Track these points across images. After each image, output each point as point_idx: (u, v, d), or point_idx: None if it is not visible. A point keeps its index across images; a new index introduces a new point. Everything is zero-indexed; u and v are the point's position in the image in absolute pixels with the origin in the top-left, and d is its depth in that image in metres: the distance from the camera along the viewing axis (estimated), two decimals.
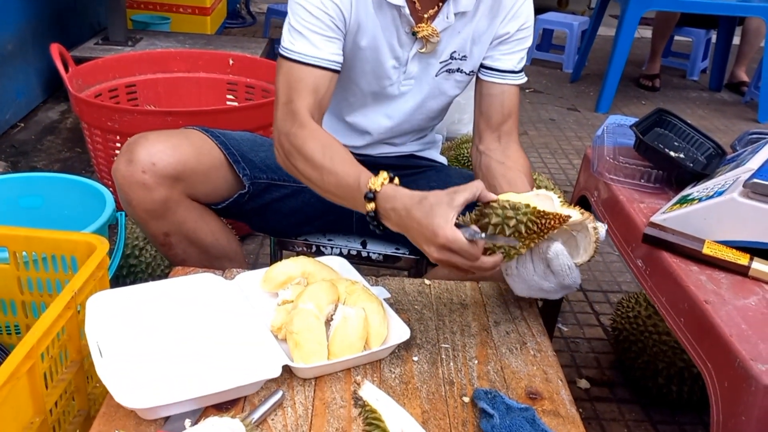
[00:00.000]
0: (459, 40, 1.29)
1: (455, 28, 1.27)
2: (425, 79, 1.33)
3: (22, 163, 2.65)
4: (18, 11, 2.94)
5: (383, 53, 1.28)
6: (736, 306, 0.89)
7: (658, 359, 1.56)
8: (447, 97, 1.38)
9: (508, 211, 0.95)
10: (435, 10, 1.25)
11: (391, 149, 1.45)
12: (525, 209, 0.94)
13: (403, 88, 1.33)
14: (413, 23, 1.24)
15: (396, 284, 1.22)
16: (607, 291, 2.11)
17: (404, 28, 1.26)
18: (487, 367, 1.03)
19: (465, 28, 1.28)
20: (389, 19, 1.25)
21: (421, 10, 1.24)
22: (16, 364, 0.88)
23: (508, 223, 0.95)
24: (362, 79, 1.31)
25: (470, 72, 1.34)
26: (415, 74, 1.32)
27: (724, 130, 3.70)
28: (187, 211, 1.28)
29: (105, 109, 1.92)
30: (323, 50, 1.20)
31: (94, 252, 1.13)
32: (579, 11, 6.32)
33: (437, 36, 1.26)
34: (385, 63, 1.29)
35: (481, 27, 1.29)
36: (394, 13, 1.24)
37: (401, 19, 1.24)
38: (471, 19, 1.28)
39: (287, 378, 0.96)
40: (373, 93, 1.34)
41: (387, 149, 1.45)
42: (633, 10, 3.63)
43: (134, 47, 3.26)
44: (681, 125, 1.34)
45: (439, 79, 1.33)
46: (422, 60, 1.30)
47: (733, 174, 1.07)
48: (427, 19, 1.25)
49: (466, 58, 1.32)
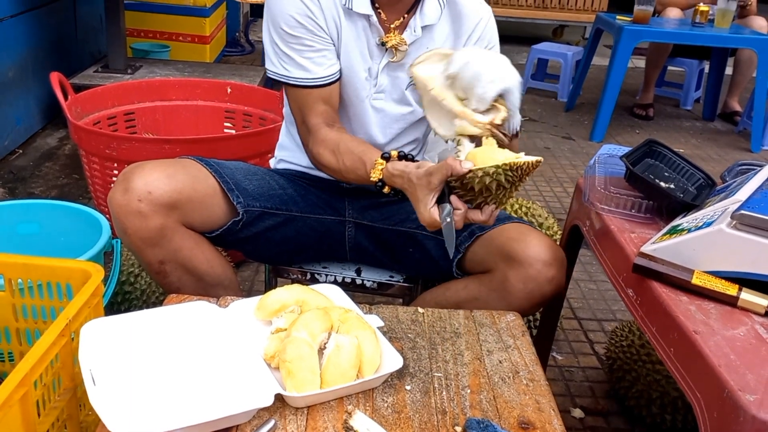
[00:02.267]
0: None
1: (422, 42, 1.33)
2: (395, 93, 1.37)
3: (19, 189, 2.66)
4: (19, 39, 2.98)
5: (356, 63, 1.33)
6: (724, 336, 0.89)
7: (652, 388, 1.56)
8: (419, 112, 1.39)
9: (484, 177, 1.06)
10: (401, 20, 1.32)
11: None
12: (497, 170, 1.06)
13: (374, 102, 1.37)
14: (382, 33, 1.31)
15: (389, 312, 1.23)
16: (601, 320, 2.11)
17: (374, 39, 1.32)
18: (480, 396, 1.03)
19: (432, 40, 1.34)
20: (360, 29, 1.31)
21: (387, 20, 1.31)
22: (8, 391, 0.88)
23: (490, 187, 1.07)
24: (342, 88, 1.37)
25: None
26: (384, 87, 1.36)
27: (717, 159, 3.74)
28: (182, 239, 1.29)
29: (103, 137, 1.94)
30: (316, 71, 1.30)
31: (89, 279, 1.14)
32: (573, 41, 6.40)
33: (405, 45, 1.31)
34: (359, 73, 1.34)
35: (443, 40, 1.35)
36: (364, 22, 1.30)
37: (371, 28, 1.31)
38: (436, 33, 1.34)
39: (279, 407, 0.96)
40: (348, 104, 1.38)
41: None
42: (626, 41, 3.68)
43: (134, 75, 3.30)
44: (671, 156, 1.36)
45: (409, 92, 1.37)
46: (391, 73, 1.35)
47: (722, 205, 1.08)
48: (395, 30, 1.32)
49: None
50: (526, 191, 3.09)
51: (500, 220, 1.34)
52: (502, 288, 1.26)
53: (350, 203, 1.47)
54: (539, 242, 1.26)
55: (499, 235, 1.31)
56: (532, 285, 1.24)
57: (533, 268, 1.24)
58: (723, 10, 3.79)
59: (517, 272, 1.25)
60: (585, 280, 2.33)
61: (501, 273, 1.27)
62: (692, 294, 0.99)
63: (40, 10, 3.15)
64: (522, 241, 1.27)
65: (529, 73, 4.81)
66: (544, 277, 1.24)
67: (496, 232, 1.32)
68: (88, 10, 3.76)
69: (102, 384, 0.93)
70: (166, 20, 4.09)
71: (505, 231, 1.31)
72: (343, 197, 1.47)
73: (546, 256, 1.24)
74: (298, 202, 1.43)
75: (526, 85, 4.82)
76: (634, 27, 3.70)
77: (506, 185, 1.08)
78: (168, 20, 4.08)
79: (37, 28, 3.14)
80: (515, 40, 6.48)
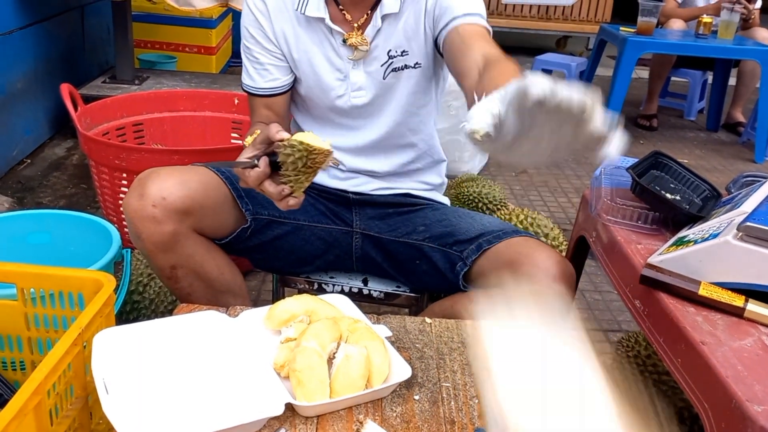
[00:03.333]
0: (393, 39, 1.34)
1: (385, 30, 1.33)
2: (376, 86, 1.37)
3: (28, 198, 2.68)
4: (28, 50, 3.01)
5: (321, 66, 1.35)
6: (731, 347, 0.90)
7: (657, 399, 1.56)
8: (405, 97, 1.39)
9: (287, 149, 1.06)
10: (365, 18, 1.32)
11: (385, 184, 1.48)
12: (299, 146, 1.05)
13: (354, 100, 1.38)
14: (344, 33, 1.32)
15: (397, 322, 1.24)
16: (607, 330, 2.11)
17: (337, 40, 1.33)
18: None
19: (396, 28, 1.33)
20: (320, 32, 1.34)
21: (352, 20, 1.33)
22: (24, 400, 0.89)
23: (287, 159, 1.06)
24: (312, 93, 1.40)
25: (416, 64, 1.36)
26: (362, 84, 1.37)
27: (721, 170, 3.75)
28: (194, 244, 1.31)
29: (113, 148, 1.96)
30: (258, 81, 1.40)
31: (101, 289, 1.15)
32: (577, 52, 6.43)
33: (366, 45, 1.32)
34: (325, 75, 1.36)
35: (411, 20, 1.33)
36: (322, 25, 1.32)
37: (331, 30, 1.32)
38: (399, 18, 1.33)
39: (289, 416, 0.97)
40: (329, 108, 1.40)
41: (381, 184, 1.48)
42: (630, 52, 3.70)
43: (141, 86, 3.32)
44: (677, 167, 1.38)
45: (389, 80, 1.37)
46: (364, 68, 1.35)
47: (728, 216, 1.09)
48: (358, 28, 1.33)
49: (406, 52, 1.35)
50: (530, 202, 3.10)
51: (507, 234, 1.33)
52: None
53: (357, 214, 1.48)
54: (548, 257, 1.25)
55: (507, 249, 1.30)
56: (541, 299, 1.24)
57: (542, 283, 1.23)
58: (726, 21, 3.82)
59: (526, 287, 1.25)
60: (590, 291, 2.34)
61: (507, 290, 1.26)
62: (699, 305, 1.00)
63: (48, 21, 3.18)
64: (530, 255, 1.26)
65: None
66: (553, 293, 1.24)
67: (504, 245, 1.31)
68: (96, 21, 3.80)
69: (115, 393, 0.94)
70: (173, 31, 4.12)
71: (513, 245, 1.30)
72: (351, 208, 1.48)
73: (555, 271, 1.23)
74: (307, 211, 1.44)
75: None
76: (638, 38, 3.72)
77: (299, 165, 1.06)
78: (175, 31, 4.12)
79: (46, 39, 3.17)
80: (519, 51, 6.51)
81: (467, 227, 1.38)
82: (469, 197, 2.42)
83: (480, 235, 1.35)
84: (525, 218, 2.13)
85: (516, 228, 1.38)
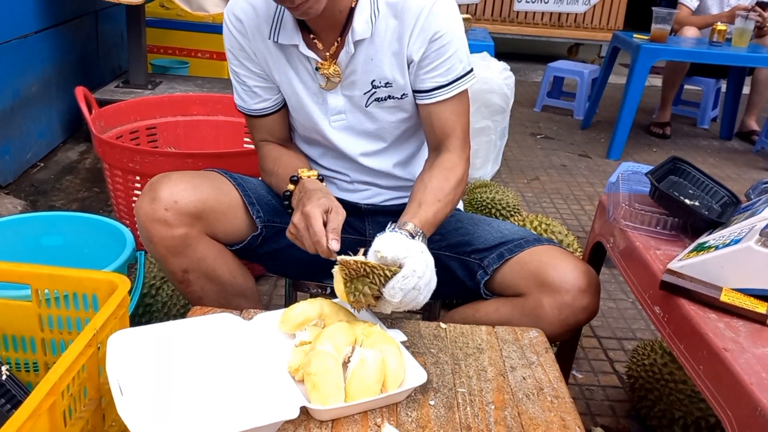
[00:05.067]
0: (375, 67, 1.28)
1: (360, 55, 1.27)
2: (357, 112, 1.34)
3: (41, 202, 2.69)
4: (43, 54, 3.03)
5: (299, 89, 1.34)
6: (755, 354, 0.89)
7: (674, 408, 1.54)
8: (394, 124, 1.36)
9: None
10: (335, 46, 1.28)
11: (396, 194, 1.47)
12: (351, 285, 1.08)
13: (334, 124, 1.35)
14: (317, 60, 1.29)
15: (411, 327, 1.23)
16: (621, 338, 2.09)
17: (312, 65, 1.31)
18: (504, 412, 1.02)
19: (376, 54, 1.27)
20: (294, 57, 1.31)
21: (324, 48, 1.29)
22: (38, 401, 0.89)
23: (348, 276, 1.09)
24: (297, 114, 1.40)
25: (402, 95, 1.32)
26: (341, 108, 1.34)
27: (735, 179, 3.72)
28: (206, 248, 1.30)
29: (127, 151, 1.96)
30: (248, 103, 1.40)
31: (116, 290, 1.15)
32: (589, 60, 6.42)
33: (338, 76, 1.30)
34: (304, 98, 1.34)
35: (388, 47, 1.26)
36: (297, 51, 1.29)
37: (305, 57, 1.29)
38: (375, 44, 1.26)
39: (304, 420, 0.96)
40: (314, 130, 1.39)
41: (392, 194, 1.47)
42: (644, 59, 3.69)
43: (154, 90, 3.34)
44: (695, 173, 1.36)
45: (372, 109, 1.33)
46: (345, 93, 1.33)
47: (749, 222, 1.08)
48: (330, 57, 1.29)
49: (390, 84, 1.30)
50: (543, 209, 3.08)
51: (530, 242, 1.31)
52: (535, 314, 1.24)
53: (370, 223, 1.47)
54: (574, 268, 1.23)
55: (532, 259, 1.27)
56: (567, 312, 1.22)
57: (569, 295, 1.21)
58: (741, 29, 3.79)
59: (552, 299, 1.22)
60: (604, 299, 2.32)
61: (534, 299, 1.24)
62: (721, 311, 0.99)
63: (63, 26, 3.21)
64: (557, 266, 1.24)
65: (545, 90, 4.82)
66: (580, 305, 1.22)
67: (527, 254, 1.29)
68: (110, 26, 3.83)
69: (129, 394, 0.93)
70: (185, 37, 4.14)
71: (537, 254, 1.28)
72: (364, 217, 1.47)
73: (582, 283, 1.22)
74: None
75: (542, 103, 4.82)
76: (652, 46, 3.71)
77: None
78: (187, 37, 4.14)
79: (60, 44, 3.19)
80: (531, 58, 6.51)
81: (485, 235, 1.36)
82: (482, 203, 2.41)
83: (501, 243, 1.33)
84: (539, 224, 2.11)
85: (537, 236, 1.36)
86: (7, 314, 1.27)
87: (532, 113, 4.79)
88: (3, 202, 2.57)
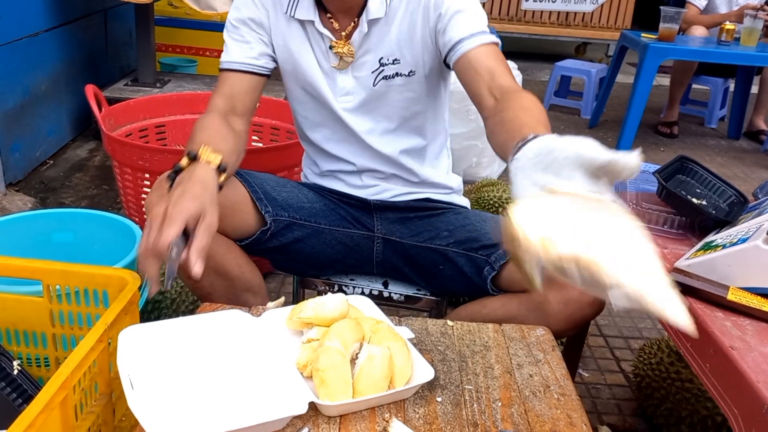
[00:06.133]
0: (384, 46, 1.32)
1: (374, 35, 1.32)
2: (365, 91, 1.36)
3: (50, 199, 2.71)
4: (53, 53, 3.05)
5: (312, 66, 1.35)
6: (762, 352, 0.89)
7: (681, 407, 1.55)
8: (402, 104, 1.38)
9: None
10: (352, 26, 1.32)
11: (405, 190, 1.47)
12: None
13: (342, 104, 1.37)
14: (332, 39, 1.32)
15: (419, 325, 1.24)
16: (628, 337, 2.09)
17: (325, 44, 1.33)
18: (511, 409, 1.03)
19: (386, 34, 1.31)
20: (310, 33, 1.34)
21: (340, 28, 1.32)
22: (51, 394, 0.90)
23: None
24: (307, 88, 1.39)
25: (410, 72, 1.34)
26: (350, 89, 1.36)
27: (743, 178, 3.71)
28: (215, 243, 1.31)
29: (136, 149, 1.97)
30: (234, 53, 1.35)
31: (126, 287, 1.16)
32: (597, 59, 6.40)
33: (352, 56, 1.32)
34: (314, 76, 1.36)
35: (404, 28, 1.31)
36: (311, 27, 1.33)
37: (320, 34, 1.33)
38: (389, 24, 1.31)
39: (312, 415, 0.97)
40: (323, 108, 1.39)
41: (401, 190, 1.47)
42: (651, 58, 3.68)
43: (162, 89, 3.35)
44: (703, 172, 1.36)
45: (380, 87, 1.36)
46: (355, 74, 1.35)
47: (756, 222, 1.08)
48: (345, 36, 1.32)
49: (398, 60, 1.33)
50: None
51: None
52: (542, 309, 1.25)
53: (379, 218, 1.48)
54: None
55: None
56: (574, 307, 1.23)
57: (576, 290, 1.21)
58: (749, 28, 3.78)
59: (558, 294, 1.23)
60: None
61: (540, 294, 1.25)
62: (728, 310, 0.99)
63: (73, 24, 3.23)
64: None
65: (552, 89, 4.82)
66: (586, 300, 1.22)
67: None
68: (118, 25, 3.85)
69: (140, 389, 0.94)
70: (193, 36, 4.16)
71: None
72: (372, 212, 1.48)
73: None
74: (327, 215, 1.44)
75: (549, 102, 4.82)
76: (660, 45, 3.70)
77: None
78: (195, 36, 4.16)
79: (70, 42, 3.21)
80: (538, 58, 6.50)
81: (493, 231, 1.37)
82: (489, 202, 2.41)
83: None
84: None
85: None
86: (19, 310, 1.28)
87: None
88: (13, 199, 2.59)
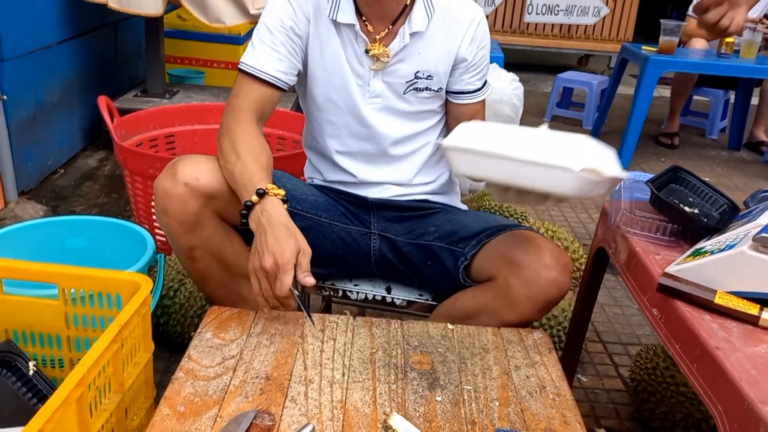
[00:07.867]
0: (422, 60, 1.41)
1: (414, 48, 1.41)
2: (392, 98, 1.44)
3: (61, 207, 2.77)
4: (65, 64, 3.12)
5: (345, 69, 1.41)
6: (746, 353, 0.93)
7: (676, 410, 1.58)
8: (421, 113, 1.48)
9: None
10: (386, 32, 1.39)
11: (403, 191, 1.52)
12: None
13: (370, 106, 1.43)
14: (368, 42, 1.39)
15: (420, 328, 1.28)
16: (626, 343, 2.13)
17: (360, 48, 1.40)
18: (508, 408, 1.07)
19: (425, 49, 1.41)
20: (346, 37, 1.40)
21: (374, 32, 1.39)
22: (68, 391, 0.95)
23: None
24: (335, 93, 1.44)
25: (438, 89, 1.45)
26: (379, 92, 1.43)
27: (743, 188, 3.74)
28: (215, 228, 1.35)
29: (147, 158, 2.03)
30: (263, 60, 1.36)
31: (139, 290, 1.21)
32: (598, 70, 6.46)
33: (387, 57, 1.39)
34: (348, 78, 1.42)
35: (439, 45, 1.41)
36: (350, 32, 1.39)
37: (357, 37, 1.39)
38: (428, 39, 1.41)
39: (317, 413, 1.02)
40: (350, 109, 1.44)
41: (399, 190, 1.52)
42: (652, 71, 3.73)
43: (171, 100, 3.42)
44: (695, 182, 1.40)
45: (408, 96, 1.44)
46: (386, 79, 1.42)
47: (744, 229, 1.12)
48: (380, 40, 1.39)
49: (432, 77, 1.43)
50: (551, 216, 3.12)
51: (506, 227, 1.38)
52: (506, 294, 1.28)
53: (375, 216, 1.52)
54: (540, 246, 1.29)
55: (503, 242, 1.34)
56: (534, 288, 1.26)
57: (532, 270, 1.26)
58: (749, 41, 3.82)
59: (518, 276, 1.27)
60: (610, 305, 2.36)
61: (503, 279, 1.29)
62: (715, 313, 1.03)
63: (84, 36, 3.30)
64: (523, 245, 1.30)
65: (555, 101, 4.87)
66: (545, 280, 1.26)
67: (501, 238, 1.35)
68: (128, 36, 3.92)
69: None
70: (201, 47, 4.23)
71: (509, 237, 1.35)
72: (369, 210, 1.52)
73: (547, 259, 1.26)
74: (328, 209, 1.49)
75: (551, 113, 4.87)
76: (660, 57, 3.75)
77: None
78: (204, 47, 4.23)
79: (81, 53, 3.28)
80: (541, 69, 6.55)
81: (473, 225, 1.43)
82: (490, 211, 2.46)
83: (482, 230, 1.39)
84: (546, 231, 2.16)
85: (516, 222, 1.42)
86: (35, 312, 1.33)
87: (541, 123, 4.83)
88: (25, 207, 2.65)
